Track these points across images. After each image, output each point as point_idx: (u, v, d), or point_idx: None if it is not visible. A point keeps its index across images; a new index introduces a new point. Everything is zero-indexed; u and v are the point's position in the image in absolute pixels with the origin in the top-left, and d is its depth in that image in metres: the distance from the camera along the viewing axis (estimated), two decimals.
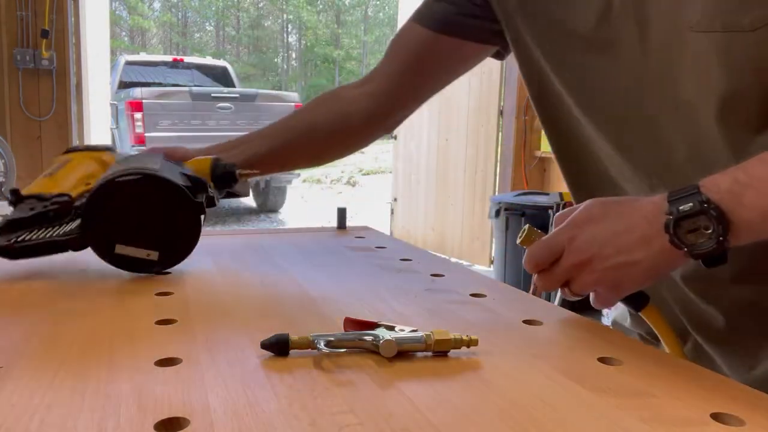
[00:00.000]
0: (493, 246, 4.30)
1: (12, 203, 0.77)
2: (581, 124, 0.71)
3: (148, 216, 0.74)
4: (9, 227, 0.74)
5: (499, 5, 0.77)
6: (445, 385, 0.45)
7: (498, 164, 4.59)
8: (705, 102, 0.60)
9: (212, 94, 7.20)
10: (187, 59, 9.39)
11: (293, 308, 0.63)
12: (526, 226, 0.63)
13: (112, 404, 0.40)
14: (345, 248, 0.94)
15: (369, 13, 28.76)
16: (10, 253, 0.74)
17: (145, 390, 0.42)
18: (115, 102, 6.90)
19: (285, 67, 29.44)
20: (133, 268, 0.75)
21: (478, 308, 0.65)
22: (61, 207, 0.75)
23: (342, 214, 1.09)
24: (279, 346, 0.49)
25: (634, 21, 0.63)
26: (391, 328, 0.51)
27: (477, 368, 0.48)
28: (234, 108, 7.07)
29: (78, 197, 0.77)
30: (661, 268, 0.56)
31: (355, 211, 8.08)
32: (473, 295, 0.69)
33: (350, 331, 0.52)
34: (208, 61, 11.08)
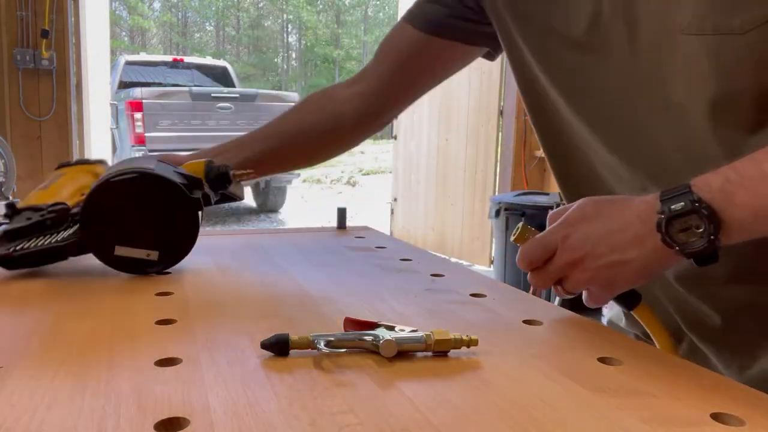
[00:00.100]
0: (493, 246, 4.30)
1: (8, 216, 0.77)
2: (573, 125, 0.71)
3: (145, 215, 0.74)
4: (7, 237, 0.75)
5: (491, 8, 0.77)
6: (445, 385, 0.45)
7: (498, 164, 4.59)
8: (696, 103, 0.60)
9: (212, 94, 7.21)
10: (187, 59, 9.39)
11: (293, 308, 0.63)
12: (520, 224, 0.63)
13: (112, 404, 0.40)
14: (345, 248, 0.94)
15: (369, 13, 28.76)
16: (10, 262, 0.74)
17: (145, 390, 0.42)
18: (115, 102, 6.90)
19: (285, 67, 29.44)
20: (134, 269, 0.75)
21: (478, 308, 0.65)
22: (58, 215, 0.75)
23: (342, 214, 1.10)
24: (279, 346, 0.49)
25: (624, 23, 0.63)
26: (391, 328, 0.51)
27: (477, 368, 0.48)
28: (234, 108, 7.07)
29: (74, 207, 0.77)
30: (653, 267, 0.56)
31: (355, 211, 8.08)
32: (473, 295, 0.69)
33: (350, 331, 0.52)
34: (208, 61, 11.08)
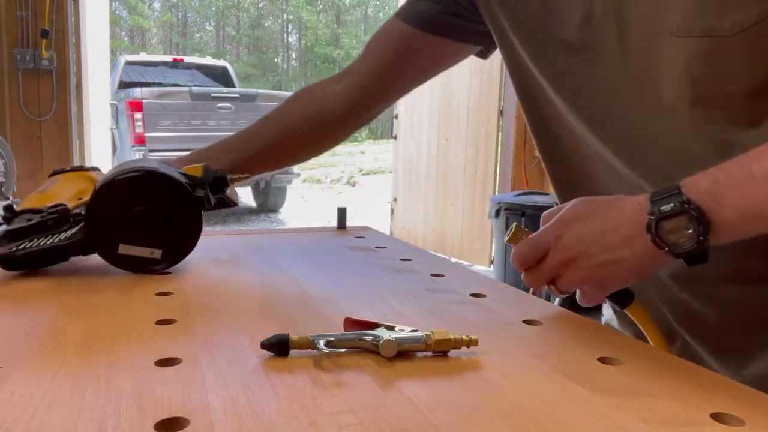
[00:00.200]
0: (493, 246, 4.30)
1: (7, 219, 0.76)
2: (572, 126, 0.71)
3: (150, 213, 0.74)
4: (8, 237, 0.74)
5: (484, 6, 0.78)
6: (445, 385, 0.45)
7: (498, 164, 4.59)
8: (686, 105, 0.60)
9: (212, 94, 7.21)
10: (187, 59, 9.39)
11: (293, 308, 0.63)
12: (514, 224, 0.64)
13: (112, 404, 0.40)
14: (345, 248, 0.94)
15: (369, 13, 28.76)
16: (12, 262, 0.74)
17: (145, 390, 0.42)
18: (115, 102, 6.90)
19: (285, 67, 29.44)
20: (137, 267, 0.75)
21: (478, 308, 0.65)
22: (60, 215, 0.75)
23: (342, 214, 1.10)
24: (279, 346, 0.49)
25: (615, 24, 0.64)
26: (391, 328, 0.51)
27: (477, 368, 0.48)
28: (234, 108, 7.07)
29: (75, 208, 0.77)
30: (644, 267, 0.57)
31: (355, 211, 8.08)
32: (473, 295, 0.69)
33: (350, 331, 0.52)
34: (208, 61, 11.09)
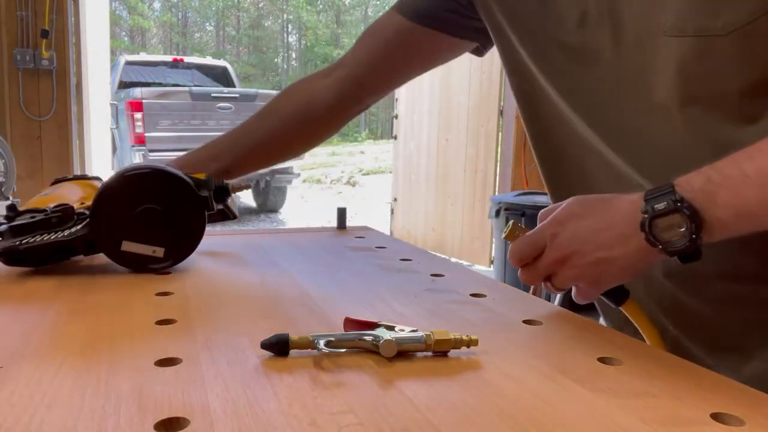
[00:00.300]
0: (493, 246, 4.30)
1: (9, 218, 0.76)
2: (568, 122, 0.71)
3: (155, 211, 0.74)
4: (12, 232, 0.74)
5: (481, 3, 0.78)
6: (445, 385, 0.45)
7: (498, 164, 4.59)
8: (680, 104, 0.60)
9: (212, 94, 7.21)
10: (187, 59, 9.39)
11: (293, 308, 0.63)
12: (511, 222, 0.65)
13: (112, 404, 0.40)
14: (345, 248, 0.94)
15: (369, 13, 28.75)
16: (14, 255, 0.73)
17: (145, 390, 0.42)
18: (115, 102, 6.91)
19: (285, 67, 29.43)
20: (139, 265, 0.75)
21: (478, 308, 0.65)
22: (64, 213, 0.75)
23: (342, 214, 1.10)
24: (279, 346, 0.49)
25: (610, 25, 0.64)
26: (391, 328, 0.51)
27: (477, 368, 0.48)
28: (234, 108, 7.07)
29: (78, 209, 0.77)
30: (638, 265, 0.57)
31: (355, 211, 8.08)
32: (473, 295, 0.69)
33: (350, 331, 0.52)
34: (208, 61, 11.09)
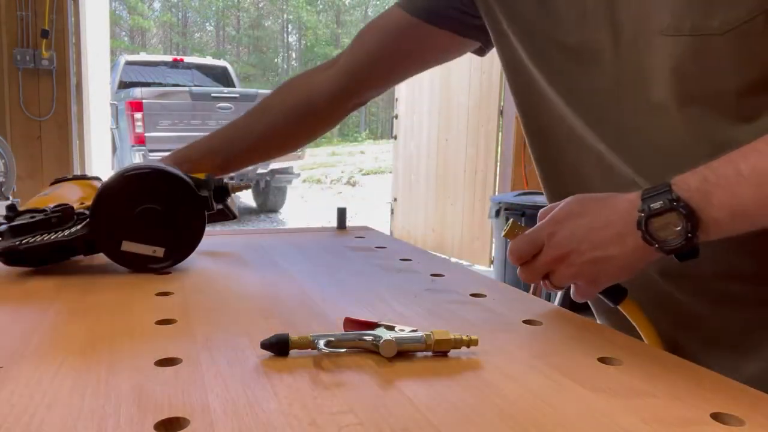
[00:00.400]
0: (493, 246, 4.30)
1: (9, 218, 0.76)
2: (567, 122, 0.71)
3: (155, 211, 0.74)
4: (12, 232, 0.74)
5: (482, 2, 0.78)
6: (445, 385, 0.45)
7: (498, 164, 4.59)
8: (677, 104, 0.60)
9: (212, 94, 7.21)
10: (187, 59, 9.39)
11: (293, 308, 0.63)
12: (511, 220, 0.65)
13: (112, 404, 0.40)
14: (345, 248, 0.94)
15: (369, 13, 28.76)
16: (14, 255, 0.73)
17: (145, 390, 0.42)
18: (115, 102, 6.91)
19: (285, 67, 29.43)
20: (138, 265, 0.75)
21: (478, 308, 0.65)
22: (64, 213, 0.75)
23: (342, 214, 1.10)
24: (279, 346, 0.49)
25: (608, 24, 0.64)
26: (391, 328, 0.51)
27: (477, 368, 0.48)
28: (234, 108, 7.07)
29: (78, 209, 0.77)
30: (635, 263, 0.57)
31: (355, 211, 8.08)
32: (473, 295, 0.69)
33: (350, 331, 0.52)
34: (208, 61, 11.09)
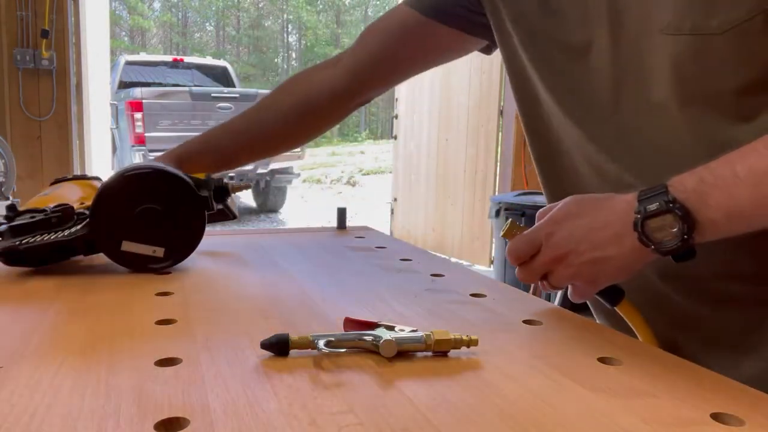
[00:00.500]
0: (493, 246, 4.30)
1: (9, 218, 0.76)
2: (563, 126, 0.71)
3: (155, 211, 0.74)
4: (12, 232, 0.74)
5: (489, 3, 0.78)
6: (445, 385, 0.45)
7: (498, 164, 4.58)
8: (677, 104, 0.60)
9: (212, 94, 7.20)
10: (187, 59, 9.39)
11: (293, 308, 0.63)
12: (509, 220, 0.65)
13: (112, 404, 0.40)
14: (345, 248, 0.94)
15: (369, 13, 28.75)
16: (14, 255, 0.73)
17: (145, 390, 0.42)
18: (115, 102, 6.90)
19: (285, 67, 29.43)
20: (138, 265, 0.75)
21: (478, 308, 0.65)
22: (64, 213, 0.75)
23: (342, 214, 1.10)
24: (279, 346, 0.49)
25: (609, 24, 0.64)
26: (391, 328, 0.51)
27: (477, 368, 0.48)
28: (234, 108, 7.06)
29: (78, 209, 0.77)
30: (633, 264, 0.58)
31: (355, 211, 8.08)
32: (473, 295, 0.69)
33: (350, 331, 0.52)
34: (208, 61, 11.09)
